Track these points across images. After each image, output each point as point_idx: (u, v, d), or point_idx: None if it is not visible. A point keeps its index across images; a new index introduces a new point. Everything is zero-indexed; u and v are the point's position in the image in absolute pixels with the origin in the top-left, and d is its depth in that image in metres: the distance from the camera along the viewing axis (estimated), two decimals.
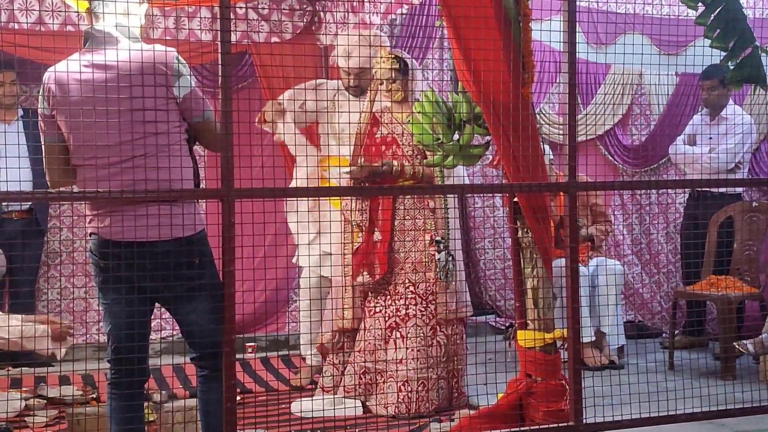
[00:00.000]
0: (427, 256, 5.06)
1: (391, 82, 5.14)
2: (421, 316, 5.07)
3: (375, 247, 5.14)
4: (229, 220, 3.44)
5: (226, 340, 3.45)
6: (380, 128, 5.24)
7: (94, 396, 5.41)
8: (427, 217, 5.12)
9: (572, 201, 4.02)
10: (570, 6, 4.01)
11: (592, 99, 7.74)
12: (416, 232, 5.09)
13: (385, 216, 5.13)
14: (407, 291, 5.10)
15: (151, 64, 3.43)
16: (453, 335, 5.15)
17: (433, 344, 5.07)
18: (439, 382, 5.08)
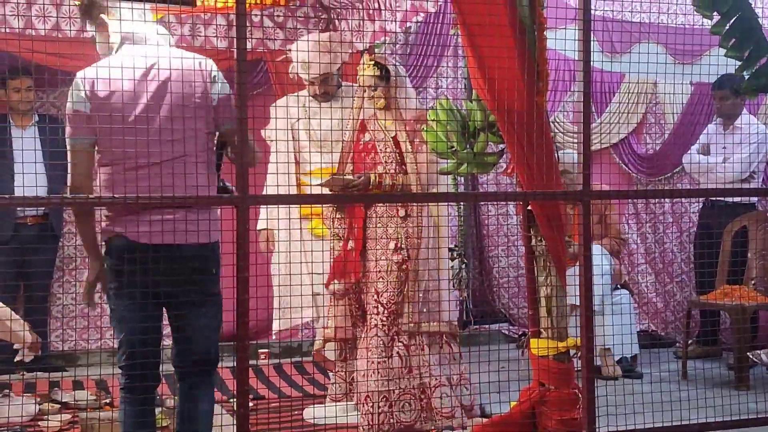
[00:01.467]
0: (390, 265, 4.89)
1: (373, 90, 5.01)
2: (382, 326, 4.89)
3: (350, 255, 5.05)
4: (244, 227, 3.45)
5: (239, 347, 3.46)
6: (364, 135, 5.14)
7: (107, 401, 5.43)
8: (398, 225, 4.95)
9: (586, 209, 4.02)
10: (585, 15, 4.01)
11: (607, 108, 7.74)
12: (387, 239, 4.95)
13: (358, 224, 5.04)
14: (372, 299, 4.95)
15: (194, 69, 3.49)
16: (413, 347, 4.92)
17: (392, 355, 4.88)
18: (405, 398, 4.88)
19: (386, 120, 5.04)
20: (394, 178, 4.94)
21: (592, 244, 5.88)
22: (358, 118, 5.13)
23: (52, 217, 6.56)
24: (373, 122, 5.09)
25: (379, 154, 5.02)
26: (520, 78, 3.99)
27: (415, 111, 5.02)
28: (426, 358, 4.90)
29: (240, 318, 3.45)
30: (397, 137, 4.97)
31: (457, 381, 4.99)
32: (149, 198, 3.39)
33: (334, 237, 5.12)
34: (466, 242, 7.53)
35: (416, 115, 4.98)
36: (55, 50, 5.53)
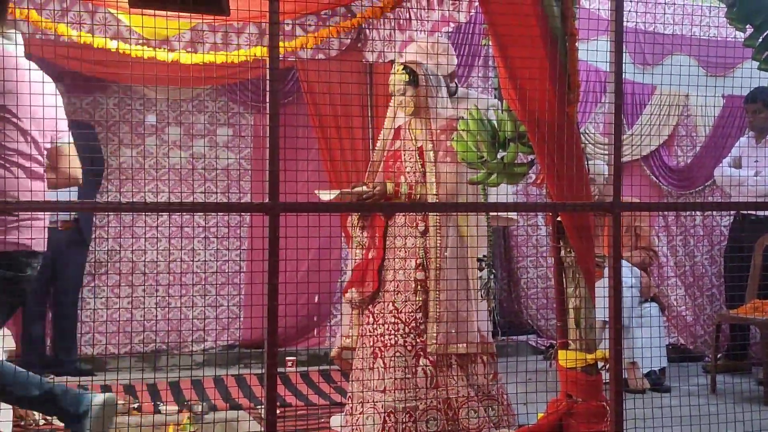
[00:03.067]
0: (409, 282, 4.78)
1: (401, 95, 4.90)
2: (402, 344, 4.77)
3: (370, 265, 4.95)
4: (274, 234, 3.46)
5: (269, 353, 3.47)
6: (395, 142, 5.05)
7: (135, 406, 5.46)
8: (417, 238, 4.82)
9: (616, 221, 4.00)
10: (617, 27, 4.00)
11: (638, 119, 7.71)
12: (406, 252, 4.84)
13: (379, 233, 4.94)
14: (390, 316, 4.83)
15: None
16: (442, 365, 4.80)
17: (417, 372, 4.76)
18: (430, 414, 4.76)
19: (415, 129, 4.96)
20: (413, 188, 4.83)
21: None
22: (391, 127, 5.07)
23: (82, 222, 6.62)
24: (404, 130, 5.03)
25: (403, 164, 4.94)
26: (551, 89, 3.99)
27: (445, 121, 4.90)
28: (453, 375, 4.80)
29: (270, 325, 3.46)
30: (423, 147, 4.89)
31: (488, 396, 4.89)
32: (180, 204, 3.41)
33: (357, 245, 5.06)
34: (494, 253, 7.52)
35: (444, 125, 4.88)
36: (88, 57, 5.59)
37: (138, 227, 6.89)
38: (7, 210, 3.68)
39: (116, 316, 6.71)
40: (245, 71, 6.24)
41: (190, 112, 7.13)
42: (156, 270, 6.90)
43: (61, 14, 5.78)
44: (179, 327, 6.82)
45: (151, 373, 6.02)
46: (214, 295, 7.16)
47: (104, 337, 6.87)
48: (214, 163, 7.15)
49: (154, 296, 6.92)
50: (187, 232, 6.84)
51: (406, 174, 4.89)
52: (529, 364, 5.68)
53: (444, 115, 4.91)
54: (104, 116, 6.97)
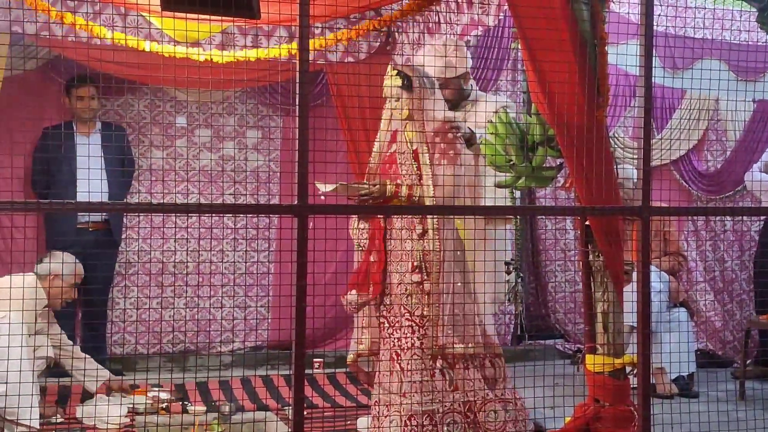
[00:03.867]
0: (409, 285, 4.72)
1: (396, 100, 4.83)
2: (419, 346, 4.71)
3: (372, 268, 4.86)
4: (303, 235, 3.49)
5: (297, 354, 3.49)
6: (392, 146, 4.98)
7: (164, 406, 5.50)
8: (416, 242, 4.74)
9: (645, 226, 3.99)
10: (647, 30, 3.99)
11: (667, 124, 7.67)
12: (404, 254, 4.77)
13: (378, 236, 4.86)
14: (404, 319, 4.77)
15: None
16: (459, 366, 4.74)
17: (435, 374, 4.71)
18: (449, 416, 4.71)
19: (410, 132, 4.87)
20: (412, 189, 4.75)
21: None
22: (388, 129, 4.97)
23: (112, 223, 6.67)
24: (400, 133, 4.95)
25: (399, 167, 4.87)
26: (581, 93, 3.99)
27: (440, 123, 4.79)
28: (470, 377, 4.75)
29: (298, 326, 3.48)
30: (418, 150, 4.80)
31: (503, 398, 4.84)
32: (210, 207, 3.44)
33: (358, 247, 4.99)
34: (522, 257, 7.51)
35: (438, 128, 4.78)
36: (120, 60, 5.64)
37: (167, 228, 6.93)
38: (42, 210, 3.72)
39: (145, 316, 6.76)
40: (274, 74, 6.27)
41: (220, 115, 7.17)
42: (185, 271, 6.95)
43: (93, 17, 5.84)
44: (207, 328, 6.86)
45: (180, 374, 6.05)
46: (242, 297, 7.19)
47: (133, 337, 6.92)
48: (243, 165, 7.18)
49: (182, 297, 6.96)
50: (216, 233, 6.87)
51: (402, 177, 4.81)
52: (555, 368, 5.68)
53: (438, 118, 4.81)
54: (135, 118, 7.03)
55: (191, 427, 4.81)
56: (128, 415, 5.28)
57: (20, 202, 3.32)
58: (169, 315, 6.90)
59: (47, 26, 5.48)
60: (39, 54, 6.54)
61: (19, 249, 6.13)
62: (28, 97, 6.43)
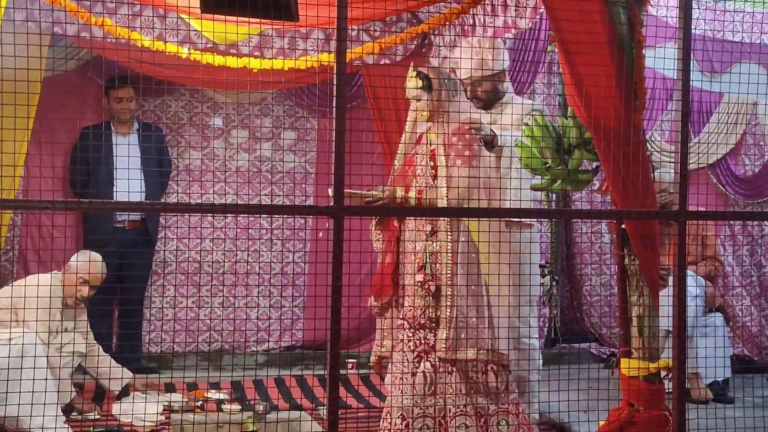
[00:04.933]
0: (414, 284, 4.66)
1: (417, 100, 4.78)
2: (408, 342, 4.65)
3: (386, 270, 4.81)
4: (339, 236, 3.51)
5: (332, 355, 3.51)
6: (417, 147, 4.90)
7: (199, 404, 5.55)
8: (425, 241, 4.64)
9: (682, 230, 3.98)
10: (685, 34, 3.98)
11: (704, 127, 7.62)
12: (414, 255, 4.70)
13: (392, 238, 4.80)
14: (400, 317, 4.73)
15: None
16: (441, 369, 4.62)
17: (417, 374, 4.61)
18: (419, 422, 4.60)
19: (431, 134, 4.81)
20: (422, 193, 4.68)
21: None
22: (413, 131, 4.90)
23: (148, 222, 6.74)
24: (424, 135, 4.88)
25: (416, 168, 4.81)
26: (617, 96, 3.98)
27: (458, 124, 4.71)
28: (451, 383, 4.62)
29: (333, 326, 3.50)
30: (435, 151, 4.74)
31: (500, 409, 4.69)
32: (248, 207, 3.47)
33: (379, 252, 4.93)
34: (557, 260, 7.49)
35: (456, 129, 4.70)
36: (159, 61, 5.70)
37: (204, 228, 6.99)
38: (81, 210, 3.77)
39: (181, 315, 6.82)
40: (311, 76, 6.30)
41: (256, 116, 7.22)
42: (221, 270, 7.00)
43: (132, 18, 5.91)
44: (242, 327, 6.91)
45: (214, 372, 6.10)
46: (276, 297, 7.23)
47: (169, 335, 6.98)
48: (279, 166, 7.22)
49: (218, 296, 7.01)
50: (251, 233, 6.92)
51: (417, 177, 4.76)
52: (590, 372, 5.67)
53: (458, 120, 4.72)
54: (173, 118, 7.09)
55: (226, 426, 4.85)
56: (164, 412, 5.33)
57: (61, 201, 3.38)
58: (205, 314, 6.96)
59: (87, 27, 5.54)
60: (79, 54, 6.62)
61: (57, 247, 6.21)
62: (68, 97, 6.51)
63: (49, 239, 6.57)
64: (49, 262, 6.33)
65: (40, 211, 6.52)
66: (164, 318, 6.97)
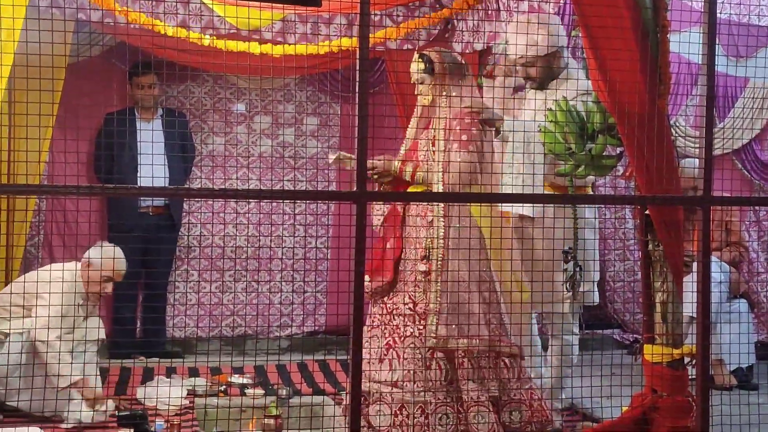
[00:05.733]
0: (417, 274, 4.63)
1: (420, 83, 4.76)
2: (419, 336, 4.61)
3: (387, 254, 4.77)
4: (362, 222, 3.51)
5: (354, 339, 3.52)
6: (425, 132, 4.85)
7: (222, 388, 5.57)
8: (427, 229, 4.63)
9: (706, 215, 3.96)
10: (710, 18, 3.95)
11: (729, 113, 7.56)
12: (416, 242, 4.67)
13: (396, 222, 4.76)
14: (406, 308, 4.67)
15: None
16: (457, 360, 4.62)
17: (432, 366, 4.60)
18: (442, 409, 4.58)
19: (435, 118, 4.76)
20: (418, 168, 4.64)
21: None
22: (421, 116, 4.86)
23: (172, 207, 6.76)
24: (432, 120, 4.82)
25: (417, 153, 4.77)
26: (642, 81, 3.96)
27: (459, 109, 4.65)
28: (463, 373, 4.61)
29: (356, 311, 3.51)
30: (435, 136, 4.70)
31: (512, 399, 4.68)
32: (271, 192, 3.48)
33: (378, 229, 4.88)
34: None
35: (456, 113, 4.65)
36: (183, 47, 5.71)
37: (227, 214, 7.01)
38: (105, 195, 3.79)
39: (204, 300, 6.85)
40: (333, 61, 6.29)
41: (279, 101, 7.23)
42: (245, 256, 7.02)
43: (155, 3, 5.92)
44: (265, 312, 6.94)
45: (238, 357, 6.13)
46: (299, 282, 7.25)
47: (193, 320, 7.02)
48: (302, 151, 7.24)
49: (241, 282, 7.04)
50: (274, 219, 6.94)
51: (419, 162, 4.71)
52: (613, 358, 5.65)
53: (466, 102, 4.65)
54: (196, 104, 7.11)
55: (249, 410, 4.88)
56: (187, 397, 5.36)
57: (86, 187, 3.40)
58: (228, 299, 6.99)
59: (111, 13, 5.56)
60: (103, 41, 6.64)
61: (82, 233, 6.26)
62: (92, 83, 6.54)
63: (73, 224, 6.60)
64: (73, 247, 6.36)
65: (64, 197, 6.56)
66: (188, 303, 7.01)
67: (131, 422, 4.70)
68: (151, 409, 5.09)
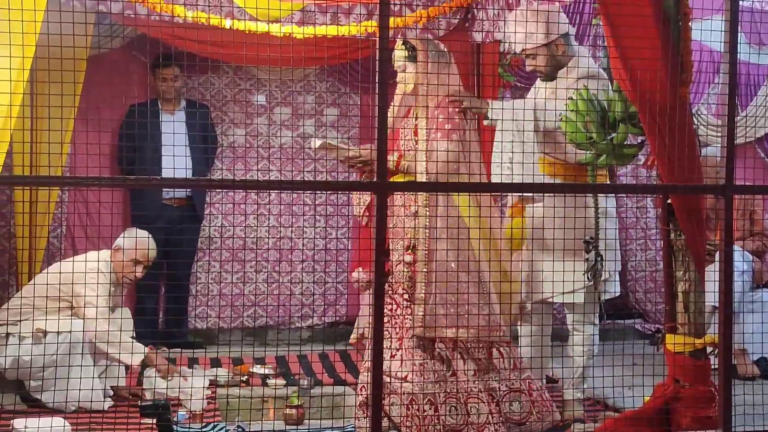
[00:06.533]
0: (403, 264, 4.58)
1: (402, 71, 4.67)
2: (408, 326, 4.56)
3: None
4: (382, 212, 3.52)
5: (375, 329, 3.53)
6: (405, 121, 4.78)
7: (244, 379, 5.60)
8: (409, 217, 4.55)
9: (729, 204, 3.94)
10: (732, 6, 3.92)
11: (752, 101, 7.51)
12: (401, 232, 4.60)
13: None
14: (403, 300, 4.62)
15: None
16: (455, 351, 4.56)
17: (435, 357, 4.55)
18: (452, 401, 4.53)
19: (417, 107, 4.68)
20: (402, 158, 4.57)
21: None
22: (400, 105, 4.76)
23: (195, 199, 6.78)
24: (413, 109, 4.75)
25: (398, 142, 4.70)
26: (663, 69, 3.94)
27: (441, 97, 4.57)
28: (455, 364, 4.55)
29: (377, 301, 3.52)
30: (417, 125, 4.62)
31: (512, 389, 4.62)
32: (291, 183, 3.49)
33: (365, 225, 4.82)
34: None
35: (438, 102, 4.58)
36: (203, 39, 5.71)
37: (248, 205, 7.03)
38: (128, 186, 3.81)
39: (226, 291, 6.87)
40: (353, 52, 6.28)
41: (299, 93, 7.23)
42: (266, 247, 7.03)
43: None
44: (286, 303, 6.95)
45: (259, 348, 6.15)
46: (320, 273, 7.26)
47: (214, 311, 7.05)
48: None
49: (262, 273, 7.06)
50: (294, 210, 6.95)
51: (401, 151, 4.65)
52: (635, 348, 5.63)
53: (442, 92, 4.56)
54: (216, 96, 7.13)
55: (271, 400, 4.90)
56: (210, 387, 5.38)
57: (107, 178, 3.42)
58: (249, 290, 7.02)
59: (131, 5, 5.57)
60: (124, 33, 6.66)
61: (104, 224, 6.29)
62: (113, 75, 6.56)
63: (96, 216, 6.64)
64: (96, 238, 6.40)
65: (86, 188, 6.59)
66: (210, 294, 7.04)
67: (154, 412, 4.72)
68: (174, 399, 5.11)
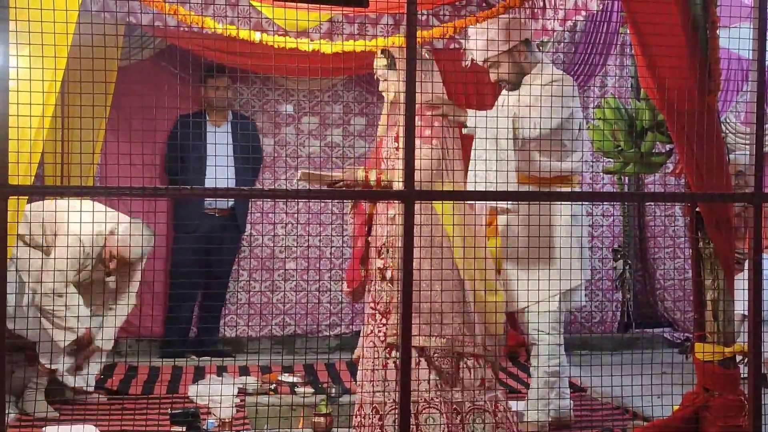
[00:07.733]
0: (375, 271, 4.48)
1: (383, 80, 4.63)
2: (378, 333, 4.44)
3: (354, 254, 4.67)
4: (410, 221, 3.52)
5: (403, 338, 3.54)
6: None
7: (272, 387, 5.62)
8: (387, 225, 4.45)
9: (757, 212, 3.92)
10: (760, 13, 3.91)
11: None
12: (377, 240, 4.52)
13: (360, 221, 4.61)
14: (369, 307, 4.53)
15: None
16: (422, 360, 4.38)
17: (387, 365, 4.38)
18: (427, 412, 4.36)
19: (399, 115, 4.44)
20: (382, 174, 4.48)
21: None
22: (388, 113, 4.71)
23: (237, 210, 6.83)
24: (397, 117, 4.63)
25: (381, 150, 4.64)
26: (691, 77, 3.93)
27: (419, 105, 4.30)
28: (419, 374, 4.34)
29: (404, 309, 3.52)
30: (398, 133, 4.48)
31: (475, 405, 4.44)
32: (320, 191, 3.51)
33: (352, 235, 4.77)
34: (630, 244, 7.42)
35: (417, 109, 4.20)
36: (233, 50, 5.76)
37: (276, 214, 7.06)
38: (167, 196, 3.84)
39: (255, 300, 6.91)
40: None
41: (326, 102, 7.27)
42: (294, 256, 7.07)
43: (204, 7, 5.99)
44: (314, 311, 6.98)
45: (288, 356, 6.18)
46: None
47: (243, 320, 7.08)
48: (349, 152, 7.28)
49: (290, 282, 7.09)
50: (322, 219, 6.99)
51: (384, 160, 4.57)
52: (664, 357, 5.61)
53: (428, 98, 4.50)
54: (245, 106, 7.18)
55: (299, 408, 4.92)
56: (238, 395, 5.41)
57: (138, 188, 3.45)
58: (277, 299, 7.05)
59: (161, 17, 5.63)
60: (154, 44, 6.73)
61: None
62: (143, 85, 6.62)
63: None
64: None
65: (117, 198, 6.64)
66: (238, 303, 7.08)
67: (184, 420, 4.75)
68: (203, 407, 5.15)
